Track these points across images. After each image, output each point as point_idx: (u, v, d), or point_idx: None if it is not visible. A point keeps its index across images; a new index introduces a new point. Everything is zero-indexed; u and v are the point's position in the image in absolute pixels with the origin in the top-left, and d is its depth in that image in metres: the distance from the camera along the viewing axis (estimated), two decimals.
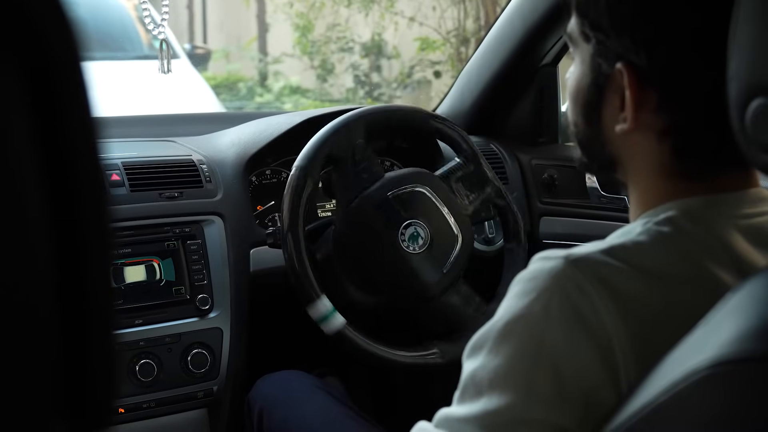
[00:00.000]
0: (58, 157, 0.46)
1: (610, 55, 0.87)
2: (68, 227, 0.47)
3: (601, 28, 0.87)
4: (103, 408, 0.51)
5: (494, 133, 2.19)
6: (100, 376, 0.50)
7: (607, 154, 0.93)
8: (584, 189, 2.02)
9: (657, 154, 0.88)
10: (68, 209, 0.47)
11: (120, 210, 1.67)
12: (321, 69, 8.51)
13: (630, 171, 0.93)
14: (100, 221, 0.49)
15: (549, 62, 2.13)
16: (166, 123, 2.25)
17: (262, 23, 10.05)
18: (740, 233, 0.85)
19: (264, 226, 1.87)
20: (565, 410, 0.78)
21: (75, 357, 0.49)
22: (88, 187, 0.48)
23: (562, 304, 0.79)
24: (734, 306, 0.69)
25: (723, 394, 0.65)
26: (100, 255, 0.49)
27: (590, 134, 0.94)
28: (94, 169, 0.48)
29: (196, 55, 6.85)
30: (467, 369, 0.85)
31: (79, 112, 0.47)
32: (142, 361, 1.60)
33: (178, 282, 1.68)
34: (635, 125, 0.87)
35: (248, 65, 9.58)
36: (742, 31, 0.71)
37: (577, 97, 0.95)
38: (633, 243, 0.83)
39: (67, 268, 0.47)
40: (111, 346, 0.50)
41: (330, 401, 1.61)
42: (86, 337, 0.49)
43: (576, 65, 0.94)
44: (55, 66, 0.46)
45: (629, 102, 0.86)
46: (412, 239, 1.61)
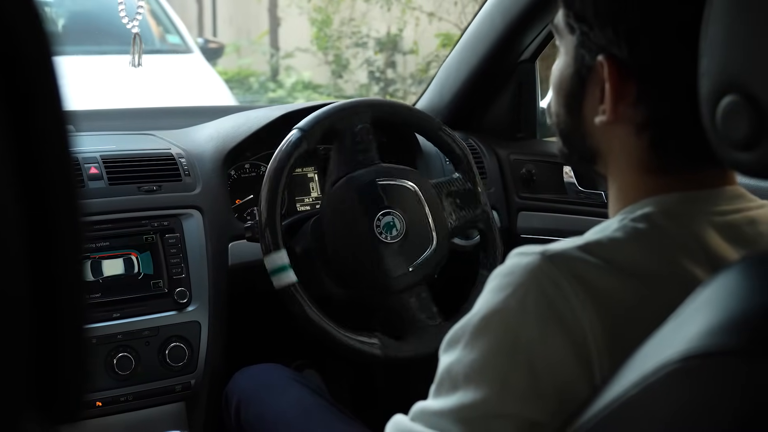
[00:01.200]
0: (29, 150, 0.46)
1: (592, 46, 0.88)
2: (39, 220, 0.47)
3: (585, 20, 0.88)
4: (74, 401, 0.51)
5: (473, 128, 2.20)
6: (71, 369, 0.50)
7: (587, 146, 0.94)
8: (562, 184, 2.03)
9: (635, 148, 0.88)
10: (39, 202, 0.47)
11: (98, 203, 1.66)
12: (335, 64, 8.39)
13: (609, 164, 0.93)
14: (71, 214, 0.49)
15: (527, 58, 2.13)
16: (145, 116, 2.25)
17: (274, 17, 9.90)
18: (716, 230, 0.86)
19: (242, 220, 1.87)
20: (539, 404, 0.78)
21: (46, 350, 0.49)
22: (59, 180, 0.48)
23: (537, 299, 0.79)
24: (704, 300, 0.69)
25: (692, 388, 0.65)
26: (71, 248, 0.49)
27: (571, 125, 0.95)
28: (65, 162, 0.48)
29: (209, 49, 6.70)
30: (443, 363, 0.85)
31: (50, 106, 0.47)
32: (119, 354, 1.60)
33: (157, 275, 1.68)
34: (614, 117, 0.87)
35: (259, 60, 9.44)
36: (714, 29, 0.71)
37: (559, 88, 0.95)
38: (609, 239, 0.84)
39: (38, 261, 0.47)
40: (83, 340, 0.50)
41: (307, 394, 1.61)
42: (58, 330, 0.49)
43: (560, 57, 0.95)
44: (26, 60, 0.46)
45: (608, 94, 0.87)
46: (387, 228, 1.61)
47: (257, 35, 9.92)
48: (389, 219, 1.62)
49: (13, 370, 0.47)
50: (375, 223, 1.61)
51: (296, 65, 9.00)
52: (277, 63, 9.33)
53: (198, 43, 6.41)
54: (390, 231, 1.62)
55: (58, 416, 0.50)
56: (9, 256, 0.46)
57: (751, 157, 0.69)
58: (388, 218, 1.62)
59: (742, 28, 0.69)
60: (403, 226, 1.63)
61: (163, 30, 6.06)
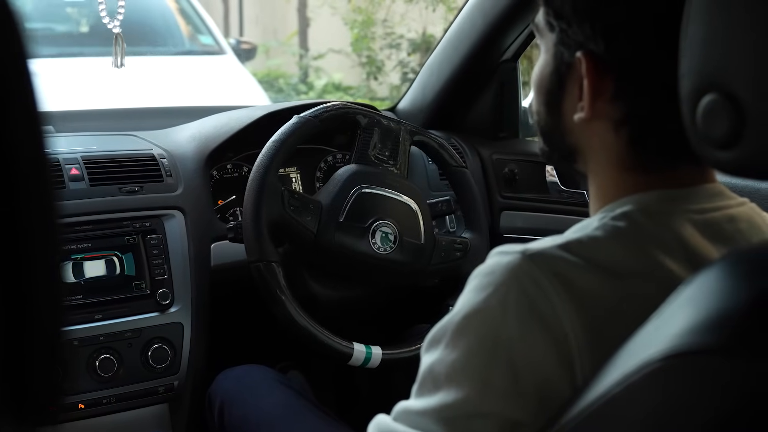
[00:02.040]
0: (2, 151, 0.46)
1: (571, 43, 0.88)
2: (12, 221, 0.47)
3: (564, 17, 0.88)
4: (49, 404, 0.50)
5: (455, 127, 2.20)
6: (45, 372, 0.50)
7: (567, 143, 0.94)
8: (544, 183, 2.04)
9: (614, 145, 0.88)
10: (11, 203, 0.47)
11: (79, 204, 1.65)
12: (369, 66, 8.24)
13: (589, 162, 0.93)
14: (46, 215, 0.49)
15: (509, 58, 2.14)
16: (127, 117, 2.24)
17: (303, 17, 9.78)
18: (695, 228, 0.86)
19: (225, 221, 1.86)
20: (520, 404, 0.78)
21: (19, 353, 0.48)
22: (34, 181, 0.48)
23: (518, 298, 0.79)
24: (686, 298, 0.70)
25: (675, 386, 0.66)
26: (46, 250, 0.49)
27: (551, 123, 0.95)
28: (39, 163, 0.48)
29: (242, 50, 6.56)
30: (425, 362, 0.85)
31: (24, 107, 0.47)
32: (102, 356, 1.59)
33: (139, 277, 1.67)
34: (592, 114, 0.88)
35: (289, 61, 9.31)
36: (694, 28, 0.72)
37: (540, 86, 0.95)
38: (589, 238, 0.84)
39: (9, 264, 0.47)
40: (58, 342, 0.50)
41: (290, 395, 1.61)
42: (31, 333, 0.49)
43: (541, 55, 0.95)
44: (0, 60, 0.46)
45: (586, 90, 0.87)
46: (384, 240, 1.64)
47: (284, 35, 9.81)
48: (381, 232, 1.64)
49: None
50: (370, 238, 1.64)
51: (326, 66, 8.87)
52: (308, 64, 9.19)
53: (230, 43, 6.27)
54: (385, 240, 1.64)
55: (34, 419, 0.50)
56: None
57: (731, 156, 0.69)
58: (381, 231, 1.64)
59: (721, 26, 0.70)
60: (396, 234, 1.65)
61: (193, 30, 5.92)
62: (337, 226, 1.60)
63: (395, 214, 1.65)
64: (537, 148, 1.03)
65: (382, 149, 1.71)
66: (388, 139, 1.71)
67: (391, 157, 1.71)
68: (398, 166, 1.72)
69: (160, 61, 4.88)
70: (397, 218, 1.65)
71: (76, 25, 5.15)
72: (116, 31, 1.88)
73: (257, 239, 1.54)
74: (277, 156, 1.58)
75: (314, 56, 9.14)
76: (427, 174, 2.07)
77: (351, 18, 8.47)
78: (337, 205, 1.62)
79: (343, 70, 8.62)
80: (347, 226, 1.61)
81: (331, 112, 1.66)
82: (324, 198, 1.63)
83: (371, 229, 1.62)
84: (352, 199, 1.62)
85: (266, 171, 1.56)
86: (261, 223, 1.54)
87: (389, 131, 1.72)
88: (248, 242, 1.55)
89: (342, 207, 1.61)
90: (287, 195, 1.57)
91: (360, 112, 1.71)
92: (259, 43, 8.76)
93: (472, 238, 1.76)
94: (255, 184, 1.56)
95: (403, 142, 1.73)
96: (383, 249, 1.63)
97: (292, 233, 1.59)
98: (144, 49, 4.74)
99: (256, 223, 1.53)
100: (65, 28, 5.11)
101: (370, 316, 1.97)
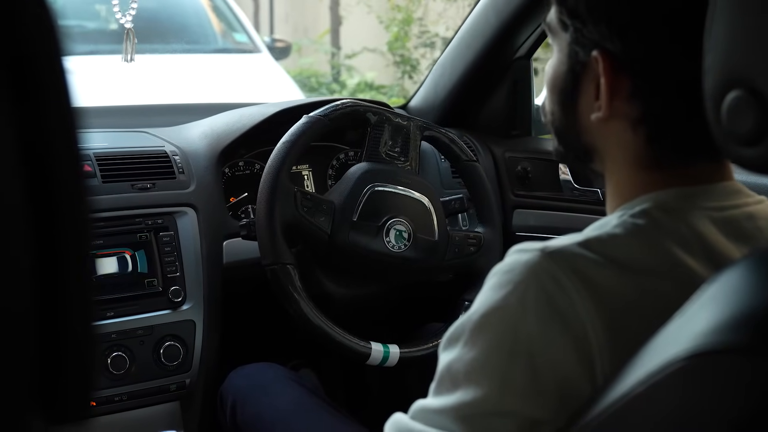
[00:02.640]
0: (37, 147, 0.46)
1: (586, 42, 0.88)
2: (46, 217, 0.47)
3: (579, 16, 0.88)
4: (80, 401, 0.50)
5: (468, 125, 2.19)
6: (77, 368, 0.50)
7: (582, 143, 0.94)
8: (557, 181, 2.03)
9: (632, 144, 0.88)
10: (46, 199, 0.47)
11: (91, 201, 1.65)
12: (404, 64, 8.16)
13: (606, 161, 0.93)
14: (77, 211, 0.49)
15: (523, 55, 2.13)
16: (139, 114, 2.24)
17: (336, 16, 9.71)
18: (714, 225, 0.86)
19: (237, 218, 1.86)
20: (539, 402, 0.78)
21: (52, 350, 0.48)
22: (66, 177, 0.48)
23: (538, 296, 0.79)
24: (710, 297, 0.69)
25: (698, 386, 0.65)
26: (78, 245, 0.49)
27: (566, 123, 0.95)
28: (72, 159, 0.48)
29: (276, 49, 6.42)
30: (443, 360, 0.85)
31: (59, 103, 0.47)
32: (114, 353, 1.59)
33: (151, 274, 1.67)
34: (609, 113, 0.87)
35: (321, 59, 9.23)
36: (718, 24, 0.71)
37: (553, 85, 0.95)
38: (608, 235, 0.84)
39: (45, 260, 0.47)
40: (89, 339, 0.50)
41: (303, 393, 1.61)
42: (63, 329, 0.48)
43: (554, 55, 0.95)
44: (35, 57, 0.45)
45: (604, 89, 0.87)
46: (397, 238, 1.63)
47: (314, 34, 9.73)
48: (395, 229, 1.64)
49: (17, 371, 0.46)
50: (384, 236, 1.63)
51: (358, 65, 8.80)
52: (340, 63, 9.11)
53: (265, 42, 6.16)
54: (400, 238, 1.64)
55: (64, 416, 0.49)
56: (14, 255, 0.45)
57: (756, 153, 0.68)
58: (395, 228, 1.64)
59: (746, 22, 0.69)
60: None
61: (226, 27, 5.83)
62: (350, 225, 1.60)
63: (408, 211, 1.65)
64: (551, 148, 1.02)
65: (392, 146, 1.70)
66: (398, 135, 1.71)
67: (402, 153, 1.71)
68: (410, 162, 1.72)
69: (194, 59, 4.83)
70: (410, 215, 1.64)
71: (106, 22, 5.12)
72: (128, 26, 1.87)
73: (271, 241, 1.53)
74: (289, 156, 1.57)
75: (347, 55, 9.05)
76: (440, 172, 2.07)
77: (387, 16, 8.39)
78: (350, 204, 1.61)
79: (376, 69, 8.55)
80: (361, 225, 1.61)
81: (341, 111, 1.66)
82: (336, 197, 1.62)
83: (385, 227, 1.61)
84: (364, 198, 1.62)
85: (278, 172, 1.56)
86: (275, 224, 1.53)
87: (399, 128, 1.71)
88: (262, 244, 1.55)
89: (355, 206, 1.61)
90: (300, 196, 1.57)
91: (370, 109, 1.70)
92: (295, 42, 8.66)
93: (485, 232, 1.76)
94: (267, 185, 1.55)
95: (413, 137, 1.72)
96: (397, 247, 1.62)
97: (306, 234, 1.59)
98: (177, 47, 4.69)
99: (269, 224, 1.53)
100: (95, 25, 5.09)
101: (384, 314, 1.97)
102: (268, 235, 1.53)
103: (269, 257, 1.54)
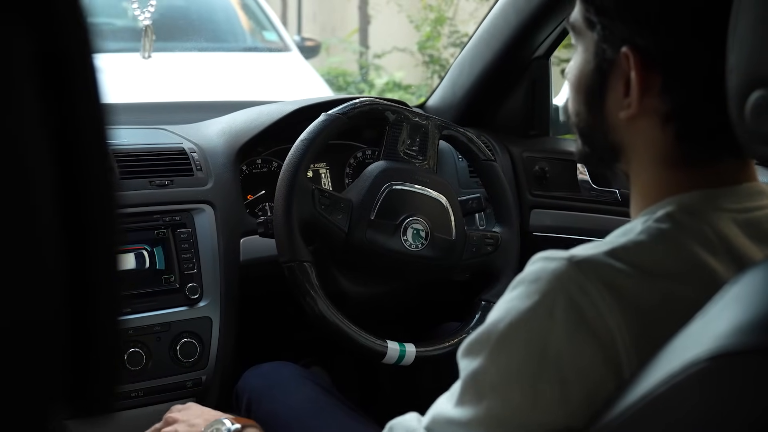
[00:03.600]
0: (67, 143, 0.46)
1: (615, 39, 0.87)
2: (75, 212, 0.47)
3: (607, 12, 0.87)
4: (106, 394, 0.50)
5: (485, 125, 2.19)
6: (104, 362, 0.50)
7: (609, 142, 0.93)
8: (575, 182, 2.02)
9: (659, 141, 0.87)
10: (75, 194, 0.47)
11: None
12: (433, 64, 8.11)
13: (632, 160, 0.92)
14: (107, 206, 0.49)
15: (541, 55, 2.13)
16: (157, 111, 2.24)
17: (364, 15, 9.65)
18: (738, 227, 0.85)
19: (254, 216, 1.86)
20: (569, 412, 0.77)
21: (79, 343, 0.48)
22: (96, 172, 0.48)
23: (565, 306, 0.78)
24: (732, 298, 0.69)
25: (721, 386, 0.65)
26: (107, 241, 0.49)
27: (592, 123, 0.94)
28: (102, 156, 0.48)
29: (306, 48, 6.45)
30: (466, 369, 0.84)
31: (90, 101, 0.47)
32: (130, 349, 1.59)
33: (168, 270, 1.67)
34: (640, 110, 0.87)
35: (349, 59, 9.19)
36: (742, 24, 0.71)
37: (579, 85, 0.94)
38: (634, 243, 0.83)
39: (74, 254, 0.47)
40: (117, 332, 0.50)
41: (318, 392, 1.60)
42: (92, 322, 0.49)
43: (578, 55, 0.94)
44: (68, 57, 0.46)
45: (635, 85, 0.86)
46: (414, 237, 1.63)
47: (342, 33, 9.68)
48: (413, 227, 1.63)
49: (45, 363, 0.46)
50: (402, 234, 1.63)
51: (386, 65, 8.75)
52: (369, 62, 9.05)
53: (294, 40, 6.13)
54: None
55: (91, 408, 0.50)
56: (44, 252, 0.45)
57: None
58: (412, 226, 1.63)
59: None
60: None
61: (255, 25, 5.82)
62: (368, 223, 1.60)
63: (426, 210, 1.64)
64: (574, 149, 1.01)
65: (410, 145, 1.70)
66: (416, 134, 1.70)
67: (420, 152, 1.71)
68: (428, 161, 1.71)
69: (223, 57, 4.82)
70: (427, 214, 1.64)
71: (133, 20, 5.13)
72: (146, 23, 1.88)
73: (289, 238, 1.53)
74: (307, 155, 1.57)
75: (376, 54, 9.00)
76: (457, 171, 2.06)
77: (418, 16, 8.34)
78: (368, 203, 1.61)
79: (405, 69, 8.50)
80: (378, 223, 1.60)
81: (359, 109, 1.66)
82: (354, 196, 1.62)
83: (402, 226, 1.61)
84: (382, 197, 1.61)
85: (296, 170, 1.56)
86: (292, 222, 1.53)
87: (418, 126, 1.71)
88: (280, 241, 1.54)
89: (372, 205, 1.61)
90: (317, 194, 1.56)
91: (388, 108, 1.70)
92: (324, 41, 8.64)
93: (502, 232, 1.75)
94: (285, 183, 1.55)
95: (432, 137, 1.72)
96: (414, 246, 1.62)
97: (323, 232, 1.59)
98: (206, 45, 4.68)
99: (287, 222, 1.53)
100: (123, 23, 5.10)
101: (400, 313, 1.96)
102: (286, 233, 1.53)
103: (287, 254, 1.54)
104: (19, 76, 0.44)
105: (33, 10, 0.44)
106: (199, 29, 4.90)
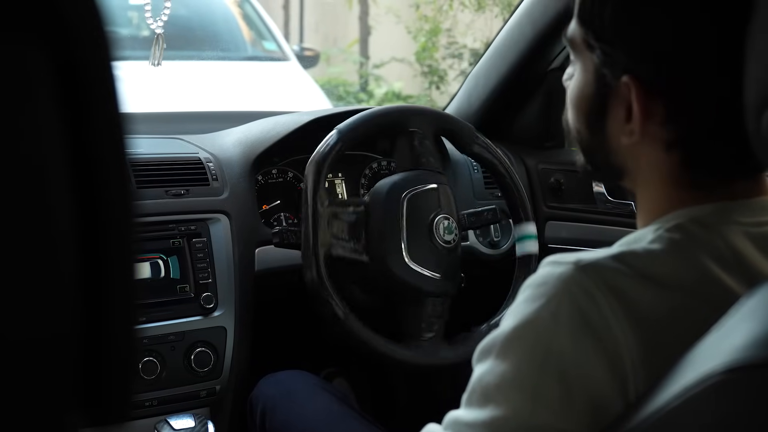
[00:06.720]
0: (85, 151, 0.46)
1: (615, 66, 0.86)
2: (92, 220, 0.47)
3: (606, 40, 0.86)
4: (122, 402, 0.50)
5: (501, 136, 2.18)
6: (119, 370, 0.50)
7: (612, 163, 0.92)
8: (591, 194, 2.02)
9: (665, 165, 0.87)
10: (92, 202, 0.47)
11: None
12: (431, 75, 8.12)
13: (638, 180, 0.92)
14: (124, 214, 0.49)
15: (557, 67, 2.12)
16: (174, 120, 2.25)
17: (365, 26, 9.66)
18: (750, 241, 0.85)
19: (270, 226, 1.86)
20: (571, 417, 0.77)
21: (95, 351, 0.48)
22: (113, 181, 0.48)
23: (570, 310, 0.78)
24: (748, 312, 0.68)
25: (736, 400, 0.64)
26: (124, 248, 0.49)
27: (594, 144, 0.93)
28: (119, 164, 0.48)
29: (305, 57, 6.51)
30: (476, 373, 0.84)
31: (107, 108, 0.47)
32: (145, 358, 1.59)
33: (183, 280, 1.68)
34: (642, 138, 0.86)
35: (349, 69, 9.24)
36: (760, 38, 0.70)
37: (579, 105, 0.94)
38: (644, 250, 0.83)
39: (90, 262, 0.47)
40: (133, 340, 0.50)
41: (333, 401, 1.60)
42: (107, 330, 0.49)
43: (578, 71, 0.93)
44: (84, 61, 0.46)
45: (637, 115, 0.85)
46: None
47: (344, 43, 9.71)
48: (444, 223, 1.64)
49: (60, 372, 0.46)
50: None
51: (386, 75, 8.78)
52: (368, 72, 9.10)
53: (293, 50, 6.21)
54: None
55: (106, 416, 0.50)
56: (62, 262, 0.45)
57: None
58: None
59: None
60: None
61: (256, 35, 5.88)
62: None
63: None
64: (578, 165, 1.01)
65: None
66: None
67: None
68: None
69: (224, 66, 4.86)
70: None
71: (137, 29, 5.17)
72: (159, 31, 1.88)
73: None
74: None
75: (375, 64, 9.04)
76: (473, 183, 2.06)
77: (415, 27, 8.35)
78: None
79: (404, 79, 8.52)
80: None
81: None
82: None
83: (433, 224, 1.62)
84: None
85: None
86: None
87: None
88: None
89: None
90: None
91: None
92: (324, 51, 8.69)
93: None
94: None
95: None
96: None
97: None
98: (207, 54, 4.72)
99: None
100: (128, 32, 5.14)
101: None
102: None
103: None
104: (36, 88, 0.44)
105: (46, 24, 0.44)
106: (202, 38, 4.94)
